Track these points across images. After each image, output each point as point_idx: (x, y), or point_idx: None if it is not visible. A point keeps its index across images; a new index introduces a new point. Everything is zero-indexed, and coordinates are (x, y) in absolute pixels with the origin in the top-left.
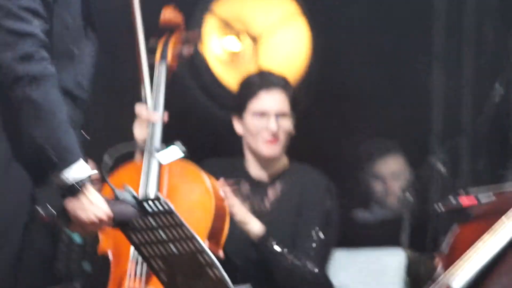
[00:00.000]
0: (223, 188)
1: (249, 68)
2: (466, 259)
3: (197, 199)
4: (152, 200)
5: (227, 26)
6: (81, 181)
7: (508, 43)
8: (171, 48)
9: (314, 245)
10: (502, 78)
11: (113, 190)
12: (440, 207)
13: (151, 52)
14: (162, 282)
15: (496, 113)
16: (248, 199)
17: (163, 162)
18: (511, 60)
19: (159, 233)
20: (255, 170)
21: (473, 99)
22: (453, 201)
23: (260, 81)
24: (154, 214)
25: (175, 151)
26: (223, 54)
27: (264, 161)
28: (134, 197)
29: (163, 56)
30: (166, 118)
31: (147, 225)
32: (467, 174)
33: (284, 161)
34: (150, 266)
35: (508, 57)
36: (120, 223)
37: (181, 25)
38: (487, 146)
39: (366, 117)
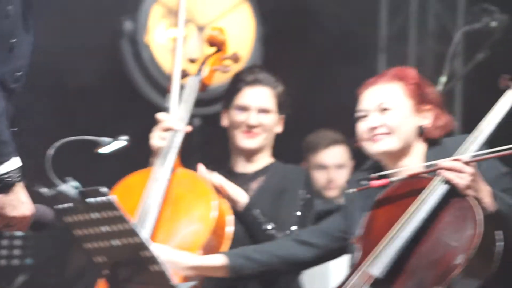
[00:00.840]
0: (204, 173)
1: (195, 57)
2: (383, 244)
3: (199, 211)
4: (95, 193)
5: (173, 15)
6: (14, 176)
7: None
8: (209, 65)
9: (297, 221)
10: (446, 70)
11: (53, 181)
12: (352, 190)
13: (191, 62)
14: (104, 277)
15: None
16: None
17: (105, 152)
18: (455, 51)
19: (102, 227)
20: (239, 165)
21: None
22: (364, 183)
23: (246, 77)
24: (96, 208)
25: (118, 143)
26: (169, 43)
27: (246, 156)
28: (76, 188)
29: (200, 70)
30: (189, 129)
31: (90, 219)
32: None
33: (268, 158)
34: (92, 261)
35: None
36: (34, 225)
37: (225, 46)
38: None
39: (307, 107)
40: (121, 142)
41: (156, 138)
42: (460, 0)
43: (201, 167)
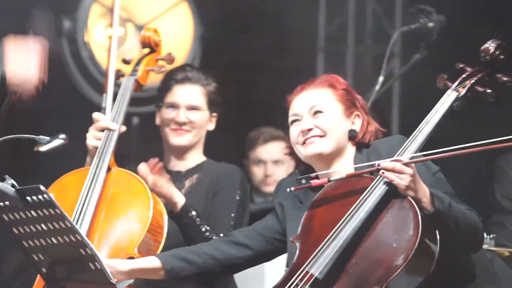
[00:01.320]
0: (145, 172)
1: (129, 58)
2: (323, 244)
3: (135, 210)
4: (33, 191)
5: (112, 14)
6: None
7: (389, 35)
8: (144, 65)
9: (232, 222)
10: (384, 70)
11: None
12: (291, 189)
13: (125, 62)
14: (41, 275)
15: (377, 103)
16: None
17: (43, 150)
18: (392, 51)
19: (40, 225)
20: (171, 163)
21: (356, 90)
22: (304, 182)
23: (176, 75)
24: (35, 206)
25: (57, 141)
26: (108, 42)
27: (177, 153)
28: (13, 186)
29: (135, 71)
30: (123, 129)
31: (28, 217)
32: None
33: (200, 157)
34: (30, 259)
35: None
36: None
37: (159, 47)
38: None
39: (246, 106)
40: (59, 140)
41: (91, 138)
42: (398, 0)
43: (142, 166)
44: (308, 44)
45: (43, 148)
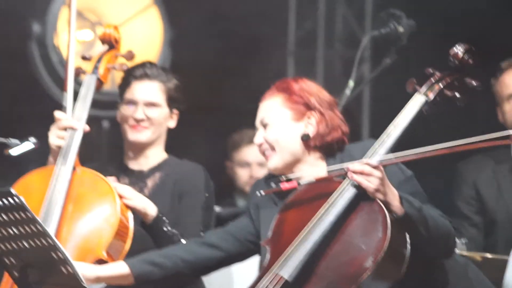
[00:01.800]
0: (115, 184)
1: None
2: (292, 246)
3: (102, 212)
4: (4, 194)
5: (81, 17)
6: None
7: (359, 40)
8: (104, 63)
9: (201, 228)
10: (354, 75)
11: None
12: (261, 192)
13: (85, 59)
14: (14, 279)
15: (348, 108)
16: None
17: (14, 154)
18: (362, 56)
19: (11, 229)
20: (132, 162)
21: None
22: (274, 185)
23: (136, 72)
24: (5, 209)
25: (27, 145)
26: (77, 46)
27: (137, 150)
28: None
29: (96, 68)
30: (87, 128)
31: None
32: None
33: (162, 154)
34: (2, 262)
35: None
36: None
37: (118, 44)
38: None
39: (216, 109)
40: (30, 144)
41: (54, 137)
42: (368, 5)
43: (111, 180)
44: (278, 48)
45: (13, 152)
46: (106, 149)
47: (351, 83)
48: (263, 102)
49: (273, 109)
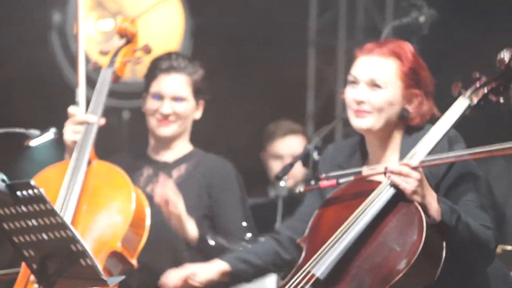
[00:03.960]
0: (167, 184)
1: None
2: (327, 245)
3: (117, 203)
4: (24, 186)
5: (102, 7)
6: None
7: (380, 30)
8: (121, 57)
9: (248, 235)
10: None
11: None
12: (300, 189)
13: (102, 54)
14: (33, 271)
15: None
16: (151, 182)
17: (34, 145)
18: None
19: (31, 221)
20: (157, 153)
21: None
22: (313, 183)
23: (162, 64)
24: (25, 201)
25: (48, 135)
26: (97, 36)
27: (163, 143)
28: (3, 181)
29: (112, 62)
30: (102, 122)
31: (18, 212)
32: None
33: (187, 145)
34: (21, 255)
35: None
36: None
37: (136, 37)
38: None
39: (236, 99)
40: (50, 134)
41: (69, 132)
42: None
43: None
44: (299, 37)
45: (33, 143)
46: (127, 139)
47: None
48: (372, 56)
49: (386, 74)
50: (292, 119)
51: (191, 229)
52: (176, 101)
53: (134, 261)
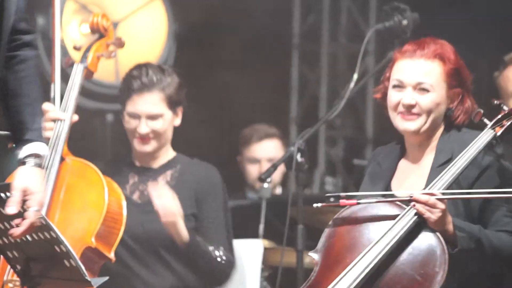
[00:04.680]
0: (163, 194)
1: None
2: (348, 270)
3: (90, 199)
4: (5, 188)
5: (86, 10)
6: None
7: (363, 33)
8: (93, 52)
9: (226, 233)
10: (358, 68)
11: None
12: (318, 206)
13: (76, 49)
14: (17, 272)
15: (352, 101)
16: (137, 189)
17: None
18: (366, 49)
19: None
20: (141, 160)
21: (331, 88)
22: (332, 200)
23: (134, 84)
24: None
25: None
26: (81, 38)
27: (144, 156)
28: None
29: (84, 58)
30: (76, 119)
31: (1, 213)
32: (323, 162)
33: (170, 152)
34: (5, 256)
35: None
36: None
37: (108, 32)
38: (342, 135)
39: (220, 104)
40: None
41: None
42: None
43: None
44: (282, 41)
45: None
46: (111, 142)
47: (355, 76)
48: (417, 60)
49: (432, 76)
50: (276, 121)
51: (184, 232)
52: (152, 119)
53: (111, 255)
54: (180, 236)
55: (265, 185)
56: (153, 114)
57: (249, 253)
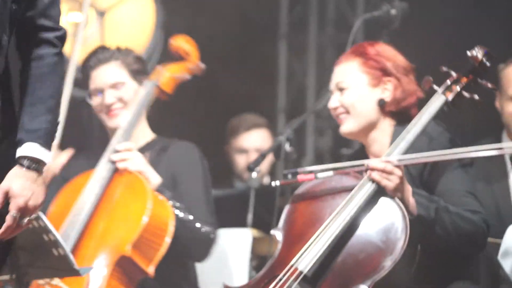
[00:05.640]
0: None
1: (94, 43)
2: (311, 242)
3: (133, 209)
4: None
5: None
6: None
7: (351, 23)
8: (166, 72)
9: (209, 208)
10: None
11: None
12: (276, 183)
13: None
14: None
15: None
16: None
17: None
18: (354, 39)
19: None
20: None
21: (318, 78)
22: (290, 177)
23: (90, 61)
24: None
25: None
26: (68, 27)
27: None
28: None
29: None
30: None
31: None
32: (312, 152)
33: (149, 133)
34: None
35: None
36: None
37: (190, 56)
38: (330, 125)
39: (208, 93)
40: None
41: None
42: None
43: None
44: (270, 32)
45: None
46: (98, 131)
47: None
48: (339, 65)
49: (349, 73)
50: (263, 112)
51: (152, 176)
52: (114, 88)
53: (149, 269)
54: (150, 176)
55: (254, 174)
56: (114, 83)
57: (238, 243)
